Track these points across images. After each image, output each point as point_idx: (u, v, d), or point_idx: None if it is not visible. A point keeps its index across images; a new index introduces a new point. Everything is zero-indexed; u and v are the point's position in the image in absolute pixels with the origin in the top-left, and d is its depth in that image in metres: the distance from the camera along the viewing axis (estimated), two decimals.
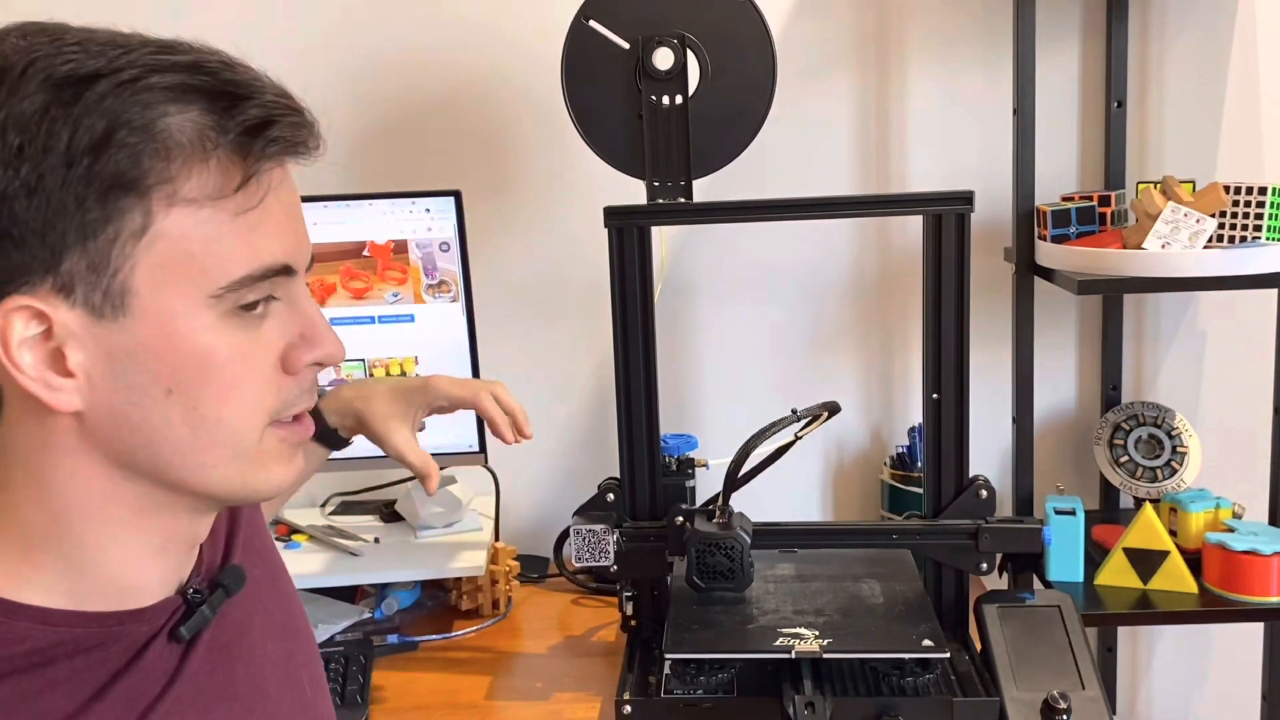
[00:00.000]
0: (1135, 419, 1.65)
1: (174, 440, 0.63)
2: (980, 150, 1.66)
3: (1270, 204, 1.42)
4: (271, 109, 0.62)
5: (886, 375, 1.74)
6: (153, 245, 0.60)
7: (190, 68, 0.61)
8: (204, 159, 0.60)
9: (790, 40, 1.64)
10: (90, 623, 0.65)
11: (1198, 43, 1.64)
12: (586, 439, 1.75)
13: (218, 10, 1.62)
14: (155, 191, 0.59)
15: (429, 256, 1.49)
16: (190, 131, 0.60)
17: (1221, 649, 1.80)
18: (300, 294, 0.68)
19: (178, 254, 0.61)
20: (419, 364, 1.52)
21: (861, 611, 1.23)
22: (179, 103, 0.60)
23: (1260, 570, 1.40)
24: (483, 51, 1.64)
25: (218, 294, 0.62)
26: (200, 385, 0.63)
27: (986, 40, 1.63)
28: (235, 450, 0.65)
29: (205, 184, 0.61)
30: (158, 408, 0.62)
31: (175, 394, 0.62)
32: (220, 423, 0.64)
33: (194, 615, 0.70)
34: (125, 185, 0.59)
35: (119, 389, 0.62)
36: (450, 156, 1.66)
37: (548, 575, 1.65)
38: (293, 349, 0.67)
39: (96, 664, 0.65)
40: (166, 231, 0.60)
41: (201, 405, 0.63)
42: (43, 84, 0.58)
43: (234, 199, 0.61)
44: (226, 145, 0.61)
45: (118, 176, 0.58)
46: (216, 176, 0.61)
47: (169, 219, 0.60)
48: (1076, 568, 1.51)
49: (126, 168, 0.58)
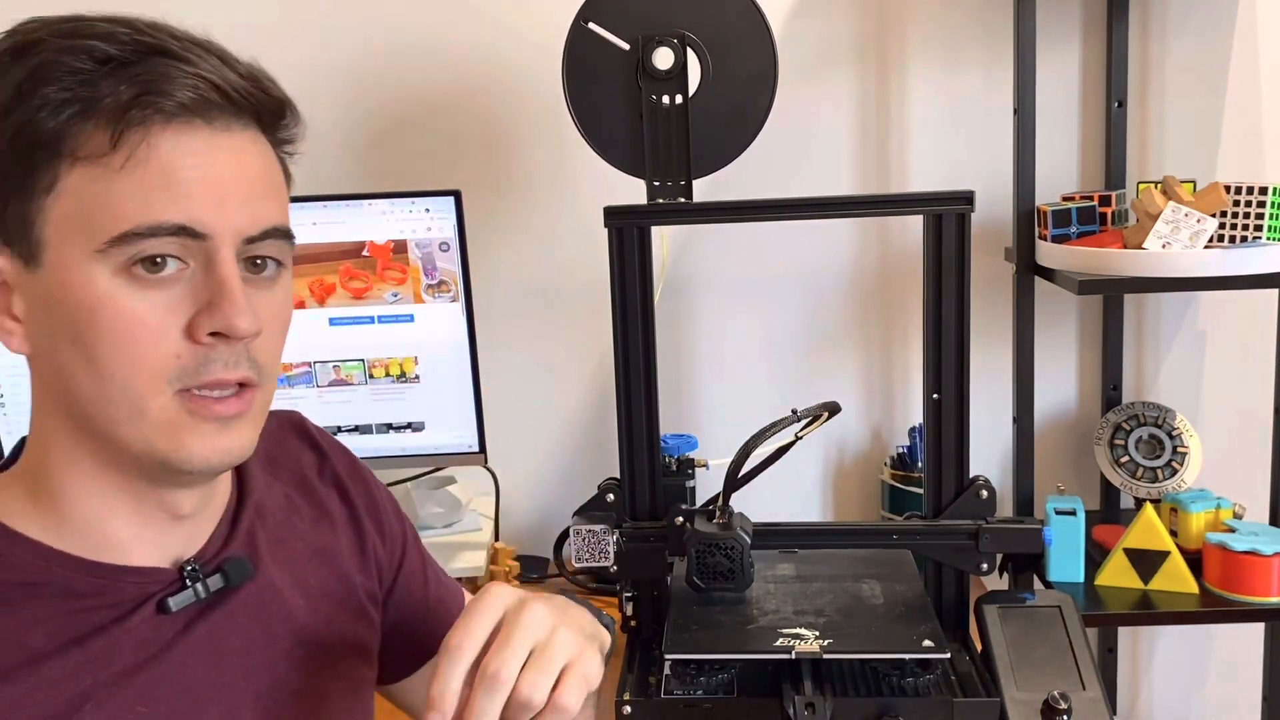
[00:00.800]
0: (1136, 419, 1.65)
1: (84, 390, 0.67)
2: (980, 150, 1.66)
3: (1270, 204, 1.42)
4: (177, 76, 0.64)
5: (886, 375, 1.74)
6: (57, 200, 0.65)
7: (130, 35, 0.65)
8: (94, 119, 0.64)
9: (790, 40, 1.63)
10: (79, 568, 0.69)
11: (1198, 42, 1.64)
12: (586, 439, 1.75)
13: (217, 8, 1.62)
14: (60, 149, 0.64)
15: (429, 256, 1.49)
16: (94, 94, 0.63)
17: (1222, 649, 1.80)
18: (221, 260, 0.66)
19: (73, 209, 0.64)
20: (419, 364, 1.52)
21: (862, 612, 1.23)
22: (98, 59, 0.64)
23: (1261, 570, 1.40)
24: (483, 51, 1.64)
25: (103, 248, 0.64)
26: (93, 338, 0.65)
27: (986, 40, 1.63)
28: (133, 410, 0.66)
29: (91, 143, 0.64)
30: (67, 356, 0.66)
31: (76, 344, 0.66)
32: (113, 378, 0.66)
33: (184, 591, 0.72)
34: (40, 141, 0.64)
35: (44, 336, 0.67)
36: (450, 156, 1.66)
37: (548, 575, 1.64)
38: (198, 315, 0.66)
39: (80, 612, 0.68)
40: (68, 189, 0.64)
41: (97, 359, 0.65)
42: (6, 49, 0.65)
43: (113, 156, 0.64)
44: (108, 106, 0.63)
45: (35, 130, 0.63)
46: (98, 135, 0.64)
47: (70, 177, 0.64)
48: (1077, 568, 1.51)
49: (42, 122, 0.63)
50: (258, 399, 0.71)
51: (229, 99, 0.66)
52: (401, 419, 1.54)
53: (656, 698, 1.15)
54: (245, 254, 0.68)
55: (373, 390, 1.52)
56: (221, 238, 0.66)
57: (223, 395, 0.68)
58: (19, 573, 0.68)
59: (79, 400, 0.67)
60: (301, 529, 0.85)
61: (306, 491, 0.87)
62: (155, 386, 0.66)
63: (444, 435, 1.54)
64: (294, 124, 0.73)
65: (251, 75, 0.69)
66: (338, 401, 1.52)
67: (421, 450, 1.55)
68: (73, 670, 0.67)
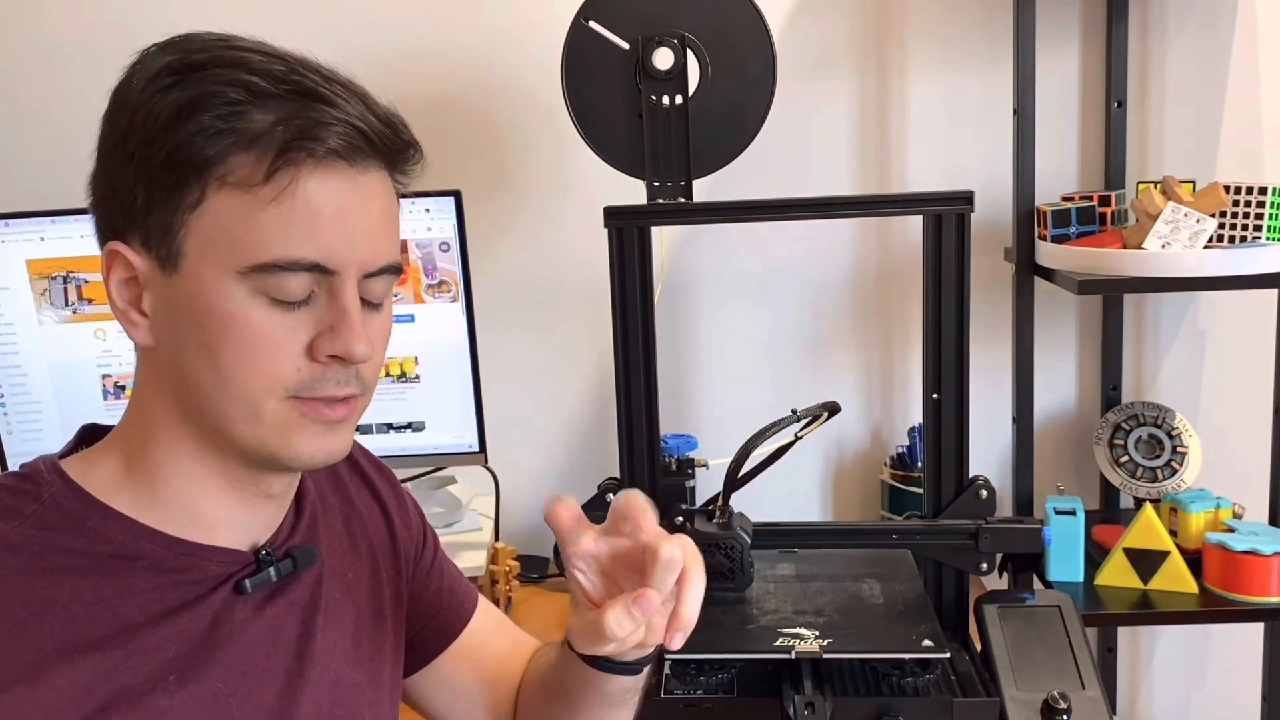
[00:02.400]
0: (1135, 419, 1.65)
1: (204, 388, 0.72)
2: (980, 150, 1.66)
3: (1270, 204, 1.42)
4: (330, 121, 0.70)
5: (886, 375, 1.74)
6: (202, 217, 0.70)
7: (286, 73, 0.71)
8: (247, 150, 0.69)
9: (790, 40, 1.64)
10: (168, 545, 0.74)
11: (1198, 43, 1.64)
12: (586, 439, 1.75)
13: (219, 10, 1.62)
14: (212, 169, 0.69)
15: (429, 256, 1.49)
16: (254, 120, 0.69)
17: (1221, 649, 1.80)
18: (345, 293, 0.73)
19: (217, 228, 0.70)
20: (419, 364, 1.52)
21: (861, 611, 1.23)
22: (257, 94, 0.69)
23: (1260, 570, 1.40)
24: (483, 51, 1.64)
25: (244, 271, 0.70)
26: (222, 347, 0.71)
27: (986, 40, 1.63)
28: (250, 412, 0.72)
29: (242, 171, 0.69)
30: (193, 357, 0.72)
31: (203, 349, 0.71)
32: (234, 381, 0.72)
33: (260, 574, 0.78)
34: (193, 162, 0.69)
35: (171, 334, 0.73)
36: (450, 156, 1.66)
37: (548, 575, 1.65)
38: (319, 338, 0.73)
39: (168, 587, 0.74)
40: (213, 207, 0.70)
41: (222, 365, 0.71)
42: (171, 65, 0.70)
43: (263, 189, 0.69)
44: (267, 141, 0.69)
45: (190, 151, 0.69)
46: (251, 166, 0.69)
47: (217, 197, 0.69)
48: (1077, 568, 1.51)
49: (200, 145, 0.69)
50: (359, 405, 0.78)
51: (370, 143, 0.72)
52: (402, 419, 1.54)
53: (656, 697, 1.16)
54: (362, 287, 0.75)
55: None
56: (348, 272, 0.73)
57: (331, 401, 0.74)
58: (113, 546, 0.73)
59: (197, 396, 0.73)
60: (338, 525, 0.90)
61: (339, 488, 0.93)
62: (273, 393, 0.72)
63: (444, 435, 1.54)
64: (416, 163, 0.79)
65: (389, 120, 0.75)
66: None
67: (421, 450, 1.55)
68: (161, 642, 0.72)
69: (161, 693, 0.72)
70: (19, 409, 1.50)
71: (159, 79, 0.70)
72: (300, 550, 0.81)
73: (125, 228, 0.72)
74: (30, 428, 1.51)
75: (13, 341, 1.48)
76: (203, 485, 0.76)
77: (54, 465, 0.75)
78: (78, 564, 0.71)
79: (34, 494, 0.73)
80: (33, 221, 1.42)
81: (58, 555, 0.71)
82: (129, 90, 0.71)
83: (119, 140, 0.71)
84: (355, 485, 0.94)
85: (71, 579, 0.71)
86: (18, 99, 1.63)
